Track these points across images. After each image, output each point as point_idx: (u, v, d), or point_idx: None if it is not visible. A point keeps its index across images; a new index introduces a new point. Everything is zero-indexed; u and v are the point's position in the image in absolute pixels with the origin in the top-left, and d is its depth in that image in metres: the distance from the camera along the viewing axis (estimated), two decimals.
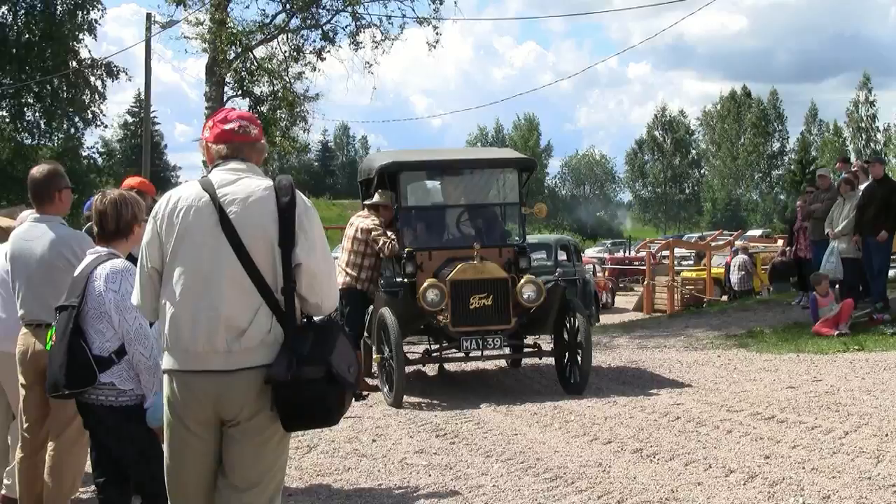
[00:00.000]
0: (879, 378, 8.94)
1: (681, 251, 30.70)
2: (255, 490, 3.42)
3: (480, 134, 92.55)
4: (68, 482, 4.87)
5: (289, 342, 3.34)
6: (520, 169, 9.88)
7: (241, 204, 3.37)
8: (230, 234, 3.34)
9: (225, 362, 3.32)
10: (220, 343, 3.31)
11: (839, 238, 12.54)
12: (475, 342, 8.84)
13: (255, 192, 3.39)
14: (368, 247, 9.40)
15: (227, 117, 3.57)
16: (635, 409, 7.95)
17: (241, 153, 3.52)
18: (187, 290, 3.34)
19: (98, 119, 34.36)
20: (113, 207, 4.27)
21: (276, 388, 3.31)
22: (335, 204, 61.87)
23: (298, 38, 20.87)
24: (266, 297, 3.34)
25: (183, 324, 3.34)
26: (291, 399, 3.32)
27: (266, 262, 3.36)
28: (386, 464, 6.39)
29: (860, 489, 5.29)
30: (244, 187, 3.40)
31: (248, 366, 3.33)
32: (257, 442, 3.40)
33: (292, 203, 3.39)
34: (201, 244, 3.36)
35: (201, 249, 3.35)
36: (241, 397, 3.35)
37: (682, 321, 15.54)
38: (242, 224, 3.35)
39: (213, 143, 3.54)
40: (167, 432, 3.46)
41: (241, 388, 3.34)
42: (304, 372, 3.30)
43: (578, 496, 5.42)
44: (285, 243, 3.36)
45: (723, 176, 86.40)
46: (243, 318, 3.32)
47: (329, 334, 3.45)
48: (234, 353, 3.32)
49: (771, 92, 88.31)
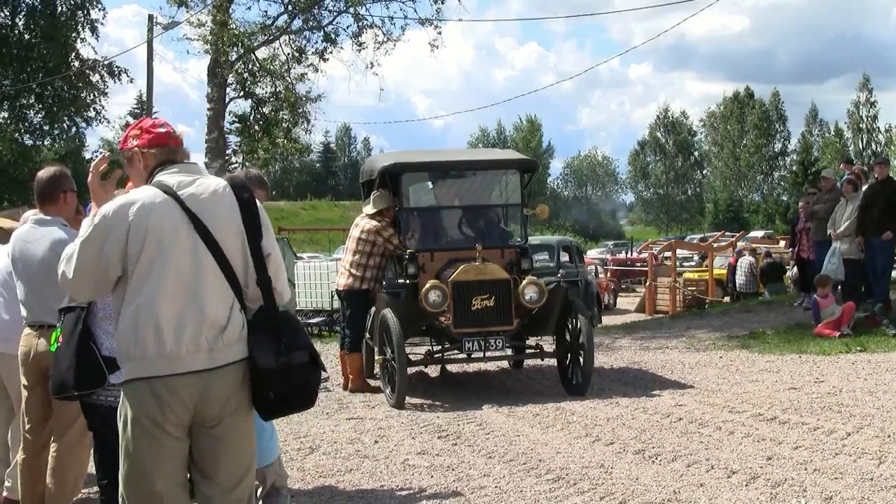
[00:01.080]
0: (882, 379, 8.94)
1: (683, 252, 30.73)
2: (241, 486, 3.50)
3: (482, 135, 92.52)
4: (70, 483, 4.88)
5: (273, 331, 3.46)
6: (522, 170, 9.88)
7: (207, 203, 3.45)
8: (204, 235, 3.42)
9: (208, 361, 3.38)
10: (203, 342, 3.37)
11: (841, 239, 12.54)
12: (477, 343, 8.85)
13: (217, 191, 3.50)
14: (375, 247, 9.42)
15: (155, 123, 3.65)
16: (637, 410, 7.95)
17: (177, 156, 3.59)
18: (170, 294, 3.36)
19: (101, 116, 34.41)
20: None
21: (264, 377, 3.41)
22: (337, 205, 61.86)
23: (300, 40, 20.90)
24: (237, 292, 3.46)
25: (166, 328, 3.34)
26: (281, 386, 3.44)
27: (238, 257, 3.48)
28: (388, 465, 6.39)
29: (862, 490, 5.28)
30: (205, 187, 3.49)
31: (230, 361, 3.42)
32: (239, 438, 3.49)
33: (252, 197, 3.57)
34: (179, 248, 3.39)
35: (179, 253, 3.39)
36: (225, 394, 3.42)
37: (684, 322, 15.55)
38: (213, 223, 3.44)
39: (149, 149, 3.56)
40: (136, 443, 3.37)
41: (224, 385, 3.42)
42: (293, 358, 3.46)
43: (580, 497, 5.42)
44: (255, 236, 3.51)
45: (725, 177, 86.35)
46: (224, 315, 3.42)
47: (294, 320, 3.65)
48: (215, 350, 3.39)
49: (773, 93, 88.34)
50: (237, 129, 22.09)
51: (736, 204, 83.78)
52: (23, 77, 32.13)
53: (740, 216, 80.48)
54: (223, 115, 20.48)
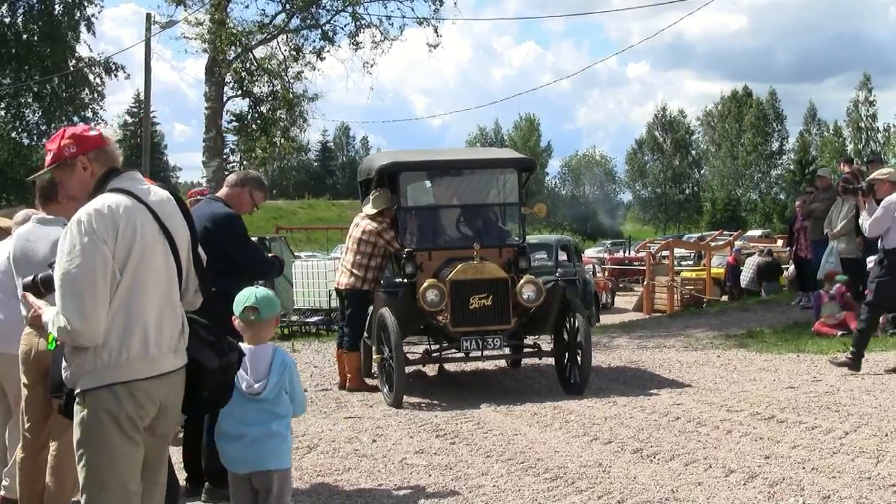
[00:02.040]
0: (879, 378, 8.96)
1: (680, 251, 30.73)
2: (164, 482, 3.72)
3: (480, 134, 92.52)
4: (70, 483, 4.86)
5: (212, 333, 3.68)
6: (519, 169, 9.89)
7: (165, 209, 3.57)
8: (169, 239, 3.53)
9: (174, 362, 3.51)
10: (173, 344, 3.50)
11: (838, 238, 12.55)
12: (475, 342, 8.85)
13: (171, 200, 3.63)
14: (376, 248, 9.42)
15: (86, 129, 3.69)
16: (635, 409, 7.95)
17: (118, 161, 3.64)
18: (155, 296, 3.44)
19: (98, 117, 34.36)
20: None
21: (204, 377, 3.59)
22: (335, 204, 61.86)
23: (298, 39, 20.88)
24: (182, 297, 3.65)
25: (152, 332, 3.41)
26: (216, 385, 3.64)
27: (187, 261, 3.65)
28: (386, 464, 6.39)
29: (860, 489, 5.29)
30: (160, 196, 3.60)
31: (185, 362, 3.57)
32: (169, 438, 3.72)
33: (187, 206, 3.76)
34: (157, 253, 3.48)
35: (157, 258, 3.48)
36: (179, 394, 3.58)
37: (681, 321, 15.56)
38: (173, 228, 3.56)
39: (96, 154, 3.56)
40: (112, 447, 3.38)
41: (180, 385, 3.57)
42: (230, 357, 3.71)
43: (579, 496, 5.42)
44: (195, 245, 3.70)
45: (722, 176, 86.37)
46: (183, 316, 3.60)
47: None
48: (178, 351, 3.54)
49: (770, 92, 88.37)
50: (235, 128, 22.10)
51: (733, 203, 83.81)
52: (21, 76, 32.10)
53: (738, 215, 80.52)
54: (221, 114, 20.46)
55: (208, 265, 4.09)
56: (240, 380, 4.13)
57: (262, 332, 4.27)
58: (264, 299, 4.25)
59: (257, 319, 4.21)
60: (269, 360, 4.22)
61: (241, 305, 4.24)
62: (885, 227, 9.06)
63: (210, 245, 5.69)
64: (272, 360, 4.23)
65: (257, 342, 4.25)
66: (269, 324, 4.30)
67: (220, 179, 18.39)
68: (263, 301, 4.24)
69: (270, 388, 4.18)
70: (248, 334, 4.25)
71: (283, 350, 4.36)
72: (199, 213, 5.91)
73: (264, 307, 4.23)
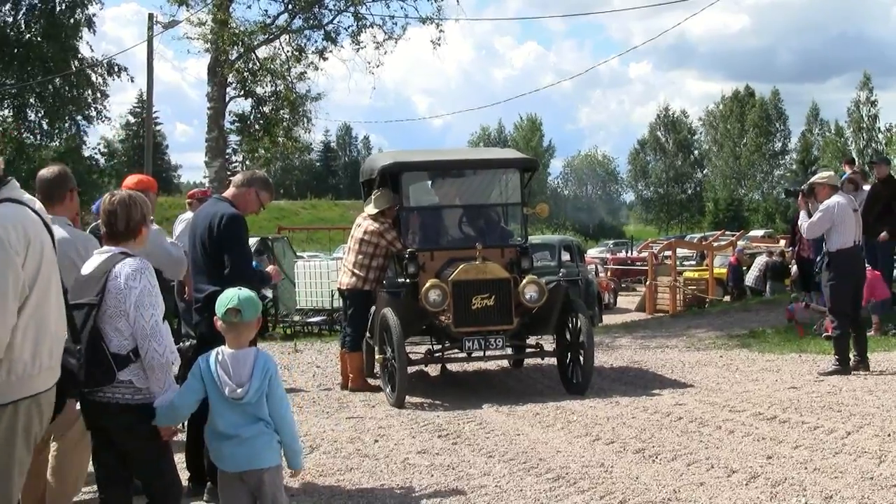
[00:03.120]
0: (881, 378, 8.96)
1: (683, 251, 30.70)
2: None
3: (483, 134, 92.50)
4: (71, 482, 4.88)
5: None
6: (522, 169, 9.89)
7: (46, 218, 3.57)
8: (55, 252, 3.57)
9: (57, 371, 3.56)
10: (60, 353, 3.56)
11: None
12: (477, 342, 8.85)
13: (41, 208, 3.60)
14: (378, 248, 9.42)
15: None
16: (637, 409, 7.95)
17: None
18: (55, 309, 3.48)
19: (102, 115, 34.36)
20: (122, 208, 4.26)
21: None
22: (337, 204, 61.89)
23: (301, 39, 20.88)
24: None
25: (56, 343, 3.48)
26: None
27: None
28: (388, 464, 6.39)
29: (862, 489, 5.29)
30: (39, 204, 3.60)
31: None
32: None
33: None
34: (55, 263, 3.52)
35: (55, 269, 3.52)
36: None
37: (684, 321, 15.57)
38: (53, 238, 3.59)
39: None
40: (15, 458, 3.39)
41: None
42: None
43: (581, 496, 5.42)
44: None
45: (725, 176, 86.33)
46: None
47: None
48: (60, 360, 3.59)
49: (773, 91, 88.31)
50: (237, 128, 22.09)
51: (736, 203, 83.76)
52: (23, 76, 32.11)
53: (740, 215, 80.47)
54: (223, 115, 20.47)
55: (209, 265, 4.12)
56: (222, 384, 4.11)
57: (243, 335, 4.21)
58: (247, 300, 4.19)
59: (240, 321, 4.17)
60: (252, 365, 4.19)
61: (223, 307, 4.18)
62: (824, 229, 9.35)
63: (212, 244, 5.72)
64: (254, 364, 4.20)
65: (238, 346, 4.19)
66: (250, 326, 4.23)
67: (223, 179, 18.43)
68: (246, 302, 4.18)
69: (252, 393, 4.13)
70: (229, 336, 4.19)
71: (265, 353, 4.28)
72: (205, 212, 5.92)
73: (247, 308, 4.18)
